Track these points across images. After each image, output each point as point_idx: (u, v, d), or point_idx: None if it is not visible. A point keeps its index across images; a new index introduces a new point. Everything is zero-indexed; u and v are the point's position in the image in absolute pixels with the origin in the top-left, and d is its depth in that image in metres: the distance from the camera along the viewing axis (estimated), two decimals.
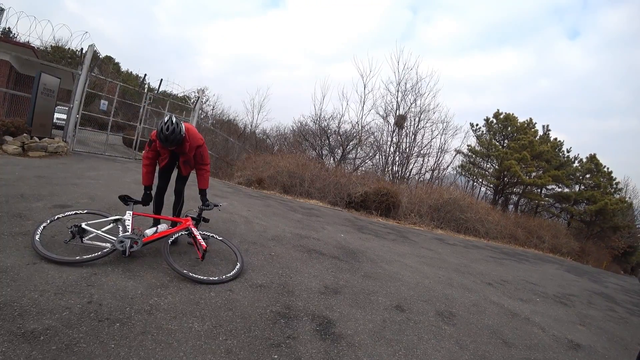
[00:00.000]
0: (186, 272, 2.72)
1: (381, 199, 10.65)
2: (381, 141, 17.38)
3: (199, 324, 2.14)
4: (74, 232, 2.69)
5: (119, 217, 3.03)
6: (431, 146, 17.65)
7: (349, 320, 2.67)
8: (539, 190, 20.77)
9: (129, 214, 2.99)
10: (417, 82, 17.06)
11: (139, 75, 28.09)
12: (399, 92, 17.24)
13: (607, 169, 20.88)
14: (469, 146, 21.01)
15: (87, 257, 2.58)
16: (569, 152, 21.68)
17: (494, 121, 21.38)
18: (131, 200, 3.08)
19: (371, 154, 17.34)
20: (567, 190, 21.19)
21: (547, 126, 21.55)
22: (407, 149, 17.15)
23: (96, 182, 5.54)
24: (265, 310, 2.52)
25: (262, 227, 5.00)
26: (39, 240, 2.60)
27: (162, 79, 17.28)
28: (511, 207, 21.09)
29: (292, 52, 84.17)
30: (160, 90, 12.32)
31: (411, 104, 17.22)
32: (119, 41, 51.80)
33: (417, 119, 17.21)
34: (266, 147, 18.75)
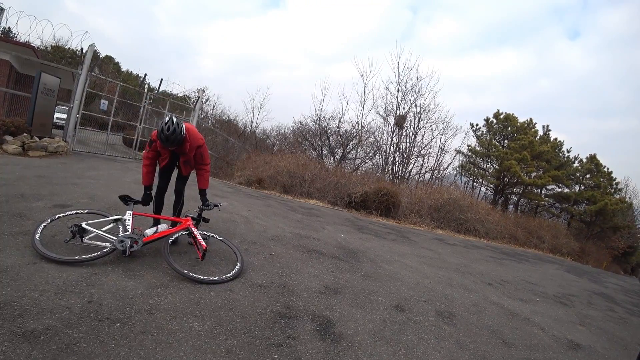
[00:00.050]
0: (186, 272, 2.72)
1: (381, 199, 10.66)
2: (381, 141, 17.40)
3: (199, 323, 2.14)
4: (74, 231, 2.69)
5: (119, 217, 3.04)
6: (431, 146, 17.67)
7: (349, 320, 2.67)
8: (539, 190, 20.77)
9: (129, 214, 2.99)
10: (417, 82, 17.08)
11: (139, 75, 28.13)
12: (399, 92, 17.26)
13: (607, 169, 20.91)
14: (469, 146, 21.05)
15: (87, 256, 2.58)
16: (569, 152, 21.72)
17: (494, 121, 21.39)
18: (131, 200, 3.08)
19: (371, 154, 17.36)
20: (567, 190, 21.20)
21: (547, 126, 21.59)
22: (407, 149, 17.15)
23: (96, 181, 5.54)
24: (265, 310, 2.52)
25: (262, 227, 5.00)
26: (39, 239, 2.60)
27: (162, 79, 17.32)
28: (511, 207, 21.10)
29: (292, 52, 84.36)
30: (160, 90, 12.32)
31: (411, 104, 17.24)
32: (119, 41, 51.86)
33: (417, 119, 17.23)
34: (266, 147, 18.75)
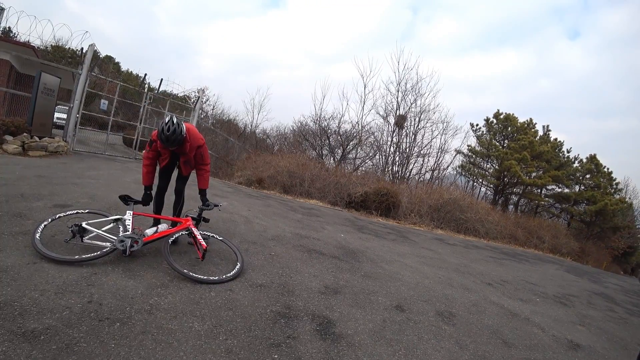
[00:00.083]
0: (186, 271, 2.72)
1: (381, 199, 10.66)
2: (381, 141, 17.42)
3: (199, 323, 2.14)
4: (74, 231, 2.69)
5: (120, 217, 3.04)
6: (431, 146, 17.68)
7: (349, 320, 2.67)
8: (539, 190, 20.78)
9: (129, 214, 2.99)
10: (417, 82, 17.11)
11: (139, 75, 28.17)
12: (399, 92, 17.28)
13: (607, 169, 20.92)
14: (469, 146, 21.07)
15: (87, 256, 2.58)
16: (569, 152, 21.73)
17: (494, 121, 21.40)
18: (131, 200, 3.08)
19: (371, 154, 17.37)
20: (567, 190, 21.21)
21: (547, 126, 21.61)
22: (407, 149, 17.17)
23: (96, 181, 5.54)
24: (265, 310, 2.52)
25: (262, 227, 5.00)
26: (39, 239, 2.60)
27: (162, 79, 17.35)
28: (511, 207, 21.10)
29: (292, 52, 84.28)
30: (160, 90, 12.32)
31: (411, 104, 17.25)
32: (119, 41, 51.87)
33: (417, 119, 17.25)
34: (266, 147, 18.75)
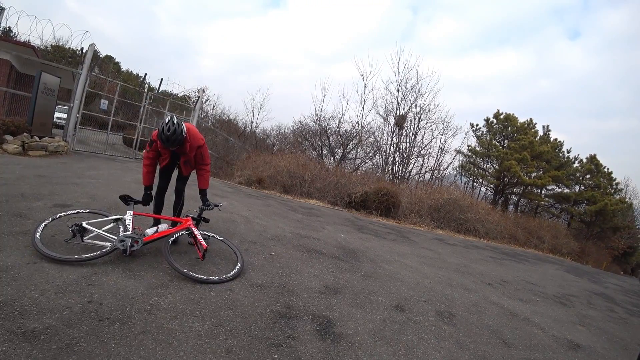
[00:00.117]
0: (186, 271, 2.72)
1: (381, 199, 10.66)
2: (381, 141, 17.42)
3: (199, 323, 2.14)
4: (74, 231, 2.69)
5: (120, 217, 3.04)
6: (431, 146, 17.69)
7: (349, 320, 2.67)
8: (539, 190, 20.77)
9: (130, 214, 2.99)
10: (418, 82, 17.11)
11: (139, 74, 28.20)
12: (399, 92, 17.28)
13: (607, 169, 20.91)
14: (469, 146, 21.06)
15: (87, 256, 2.58)
16: (569, 152, 21.72)
17: (494, 121, 21.39)
18: (132, 200, 3.08)
19: (371, 154, 17.38)
20: (567, 190, 21.20)
21: (547, 126, 21.60)
22: (407, 149, 17.17)
23: (96, 181, 5.54)
24: (265, 310, 2.52)
25: (262, 226, 5.01)
26: (39, 239, 2.60)
27: (162, 79, 17.34)
28: (511, 207, 21.10)
29: (292, 52, 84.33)
30: (160, 89, 12.31)
31: (411, 104, 17.26)
32: (119, 41, 51.85)
33: (417, 119, 17.26)
34: (266, 146, 18.73)
